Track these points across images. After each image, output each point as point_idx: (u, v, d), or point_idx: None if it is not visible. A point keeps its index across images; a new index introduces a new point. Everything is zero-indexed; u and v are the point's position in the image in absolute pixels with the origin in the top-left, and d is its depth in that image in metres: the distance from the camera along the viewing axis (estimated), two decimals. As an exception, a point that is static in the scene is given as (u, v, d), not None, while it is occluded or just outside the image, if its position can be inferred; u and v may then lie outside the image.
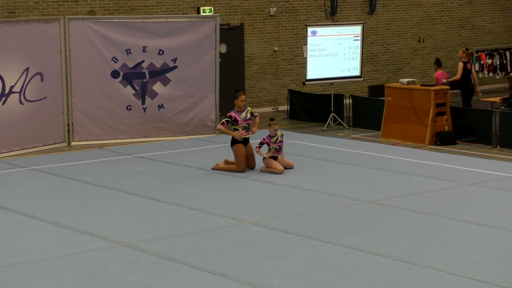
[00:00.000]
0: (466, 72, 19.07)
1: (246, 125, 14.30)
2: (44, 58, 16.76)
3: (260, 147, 14.23)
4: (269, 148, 14.26)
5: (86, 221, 11.17)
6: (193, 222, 11.09)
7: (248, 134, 14.36)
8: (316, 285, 8.60)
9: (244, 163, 14.17)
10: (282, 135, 14.42)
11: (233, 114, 14.29)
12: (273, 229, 10.70)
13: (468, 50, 19.60)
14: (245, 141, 14.30)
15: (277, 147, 14.24)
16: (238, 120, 14.24)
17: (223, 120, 14.27)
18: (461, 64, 19.06)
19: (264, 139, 14.31)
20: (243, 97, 14.39)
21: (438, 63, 19.21)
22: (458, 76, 19.01)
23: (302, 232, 10.51)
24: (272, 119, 14.38)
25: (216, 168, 14.30)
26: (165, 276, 8.91)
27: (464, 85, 19.03)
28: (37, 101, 16.73)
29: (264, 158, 14.20)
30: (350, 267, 9.15)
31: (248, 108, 14.54)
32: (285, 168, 14.21)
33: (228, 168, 14.25)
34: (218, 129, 14.98)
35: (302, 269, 9.11)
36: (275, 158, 14.25)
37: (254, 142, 14.65)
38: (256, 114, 14.72)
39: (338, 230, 10.61)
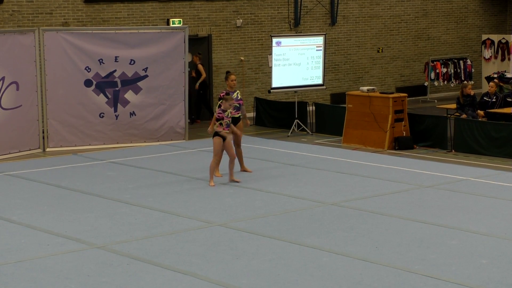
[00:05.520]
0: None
1: (237, 105, 14.04)
2: (19, 68, 16.63)
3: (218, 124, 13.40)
4: (221, 123, 13.36)
5: (61, 224, 11.10)
6: (164, 224, 11.06)
7: (238, 114, 14.04)
8: (282, 284, 8.61)
9: (220, 154, 13.60)
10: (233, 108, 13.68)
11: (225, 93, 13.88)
12: (240, 230, 10.70)
13: (200, 54, 20.98)
14: (235, 120, 13.98)
15: (228, 122, 13.42)
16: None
17: (219, 103, 13.44)
18: (200, 66, 20.63)
19: (219, 113, 13.36)
20: (233, 76, 14.18)
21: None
22: (204, 74, 20.66)
23: (268, 233, 10.52)
24: (228, 94, 13.71)
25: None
26: (137, 277, 8.88)
27: (206, 83, 20.97)
28: (13, 109, 16.59)
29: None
30: (313, 266, 9.18)
31: (238, 90, 14.31)
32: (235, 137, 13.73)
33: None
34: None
35: (268, 268, 9.12)
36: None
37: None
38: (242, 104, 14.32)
39: (302, 231, 10.63)
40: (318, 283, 8.62)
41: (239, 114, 14.18)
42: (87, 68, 17.43)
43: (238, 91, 14.30)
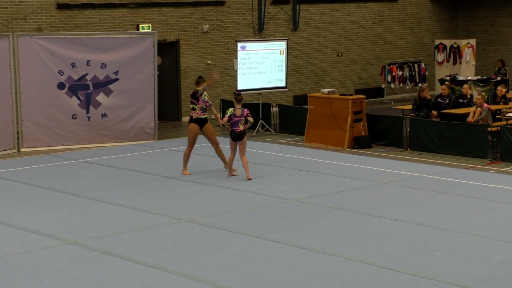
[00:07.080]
0: None
1: (204, 106, 14.02)
2: (-6, 71, 16.46)
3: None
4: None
5: (35, 221, 11.00)
6: (135, 220, 11.01)
7: (205, 115, 14.06)
8: (247, 276, 8.62)
9: (193, 142, 14.09)
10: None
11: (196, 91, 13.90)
12: (208, 226, 10.69)
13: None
14: (203, 122, 14.08)
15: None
16: (199, 100, 13.94)
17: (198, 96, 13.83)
18: None
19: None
20: (204, 83, 14.01)
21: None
22: None
23: (234, 228, 10.52)
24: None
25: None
26: (109, 271, 8.83)
27: None
28: (-12, 111, 16.41)
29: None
30: (277, 259, 9.19)
31: (205, 92, 14.09)
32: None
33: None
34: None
35: (234, 262, 9.12)
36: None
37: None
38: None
39: (266, 226, 10.65)
40: (282, 275, 8.64)
41: (206, 116, 14.13)
42: (60, 72, 17.29)
43: (205, 93, 14.17)
